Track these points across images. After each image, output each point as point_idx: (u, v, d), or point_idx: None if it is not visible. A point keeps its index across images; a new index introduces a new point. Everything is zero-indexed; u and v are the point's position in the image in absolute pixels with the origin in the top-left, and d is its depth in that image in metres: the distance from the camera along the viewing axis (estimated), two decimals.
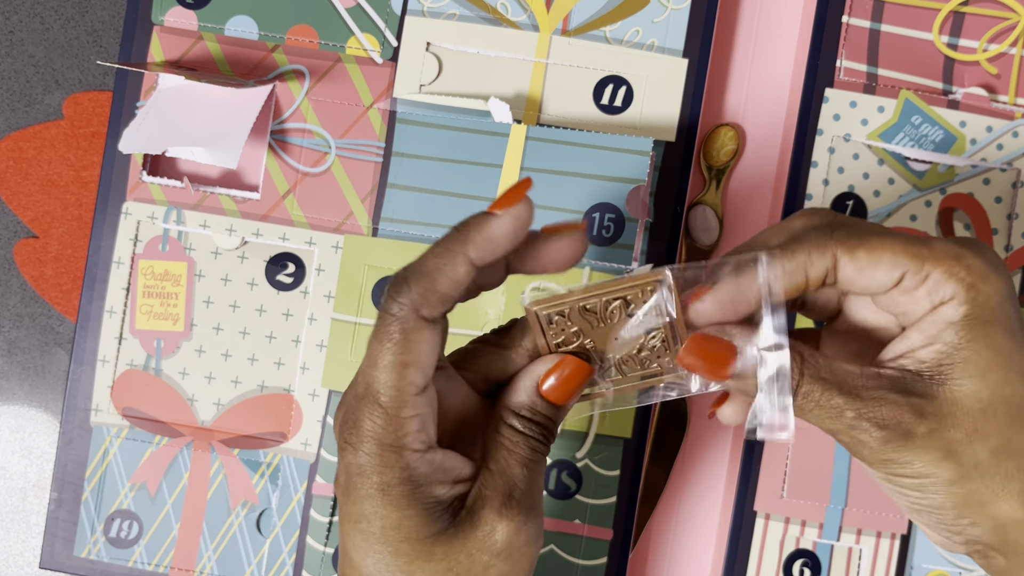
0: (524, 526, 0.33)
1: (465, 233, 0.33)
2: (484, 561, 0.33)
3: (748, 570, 0.50)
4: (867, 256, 0.32)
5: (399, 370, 0.32)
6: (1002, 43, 0.51)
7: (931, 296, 0.32)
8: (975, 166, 0.51)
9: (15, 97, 0.56)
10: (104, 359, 0.51)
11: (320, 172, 0.51)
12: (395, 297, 0.32)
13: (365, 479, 0.32)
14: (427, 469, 0.33)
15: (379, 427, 0.32)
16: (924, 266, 0.32)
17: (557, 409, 0.35)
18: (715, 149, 0.52)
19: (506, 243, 0.33)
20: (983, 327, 0.32)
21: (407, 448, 0.32)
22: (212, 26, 0.51)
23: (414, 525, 0.33)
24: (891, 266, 0.32)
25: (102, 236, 0.51)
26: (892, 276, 0.32)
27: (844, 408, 0.32)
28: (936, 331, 0.32)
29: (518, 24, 0.50)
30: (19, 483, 0.56)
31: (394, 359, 0.32)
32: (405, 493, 0.32)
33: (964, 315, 0.32)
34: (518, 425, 0.34)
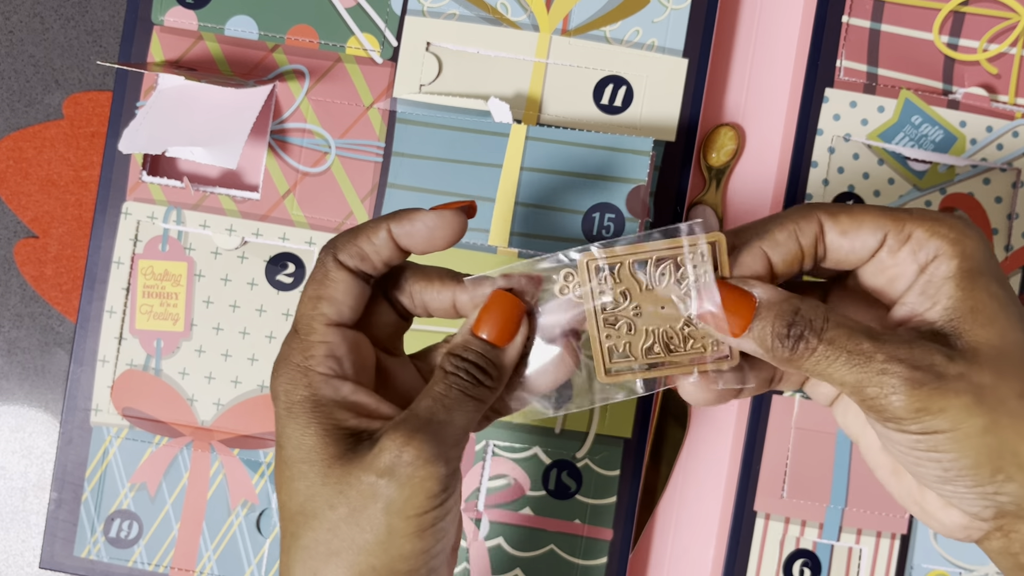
0: (409, 443, 0.33)
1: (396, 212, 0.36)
2: (371, 482, 0.33)
3: (748, 570, 0.50)
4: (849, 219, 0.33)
5: (312, 302, 0.35)
6: (1002, 43, 0.51)
7: (916, 255, 0.33)
8: (975, 166, 0.51)
9: (15, 97, 0.56)
10: (104, 359, 0.51)
11: (320, 172, 0.51)
12: (323, 248, 0.36)
13: (279, 403, 0.35)
14: (331, 393, 0.35)
15: (291, 350, 0.35)
16: (905, 226, 0.33)
17: (496, 349, 0.35)
18: (715, 149, 0.52)
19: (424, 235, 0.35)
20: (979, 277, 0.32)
21: (312, 370, 0.35)
22: (212, 26, 0.51)
23: (314, 444, 0.34)
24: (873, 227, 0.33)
25: (102, 236, 0.51)
26: (876, 237, 0.33)
27: (874, 351, 0.31)
28: (934, 290, 0.33)
29: (518, 24, 0.50)
30: (19, 483, 0.56)
31: (311, 293, 0.35)
32: (306, 410, 0.34)
33: (956, 268, 0.32)
34: (447, 364, 0.35)
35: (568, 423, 0.50)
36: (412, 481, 0.33)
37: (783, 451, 0.50)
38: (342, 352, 0.35)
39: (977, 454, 0.32)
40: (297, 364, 0.35)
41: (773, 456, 0.50)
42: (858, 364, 0.32)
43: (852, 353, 0.32)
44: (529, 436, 0.51)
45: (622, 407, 0.50)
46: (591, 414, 0.50)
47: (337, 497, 0.34)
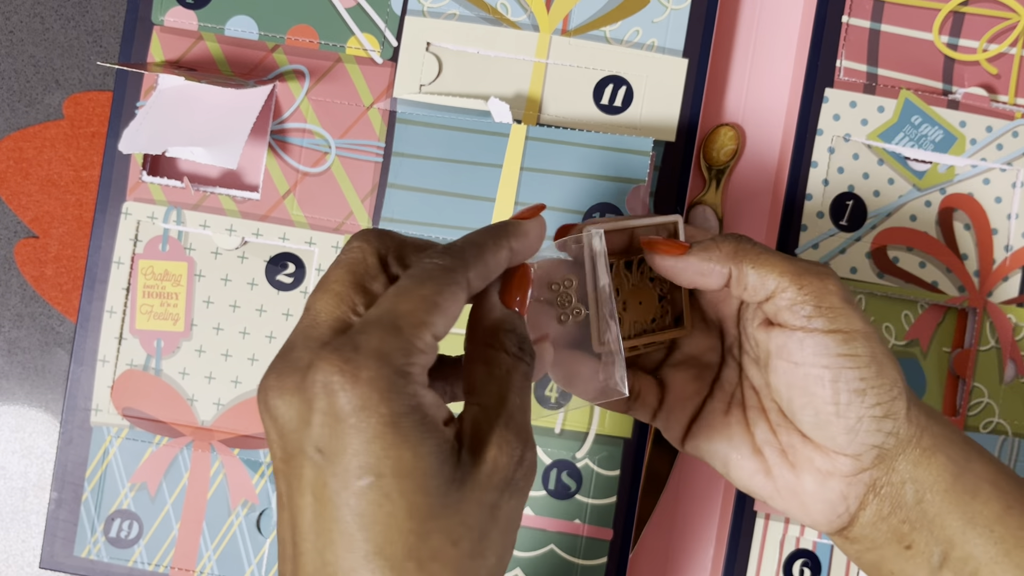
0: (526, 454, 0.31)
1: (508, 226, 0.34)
2: (492, 501, 0.30)
3: (748, 570, 0.50)
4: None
5: (429, 307, 0.30)
6: (1002, 43, 0.51)
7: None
8: (975, 166, 0.51)
9: (15, 97, 0.56)
10: (104, 359, 0.51)
11: (320, 172, 0.51)
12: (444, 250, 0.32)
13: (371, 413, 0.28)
14: (432, 401, 0.30)
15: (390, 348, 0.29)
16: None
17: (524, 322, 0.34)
18: (715, 149, 0.52)
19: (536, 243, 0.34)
20: None
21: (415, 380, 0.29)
22: (212, 26, 0.51)
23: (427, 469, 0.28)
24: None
25: (102, 236, 0.51)
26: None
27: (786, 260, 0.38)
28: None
29: (518, 24, 0.50)
30: (19, 483, 0.56)
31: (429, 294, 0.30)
32: (416, 424, 0.28)
33: None
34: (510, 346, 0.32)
35: (568, 423, 0.50)
36: (527, 489, 0.31)
37: None
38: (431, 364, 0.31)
39: (881, 359, 0.37)
40: (398, 367, 0.29)
41: None
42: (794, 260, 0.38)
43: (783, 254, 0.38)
44: None
45: None
46: (591, 414, 0.50)
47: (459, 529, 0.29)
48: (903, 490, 0.38)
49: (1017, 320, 0.51)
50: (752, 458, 0.40)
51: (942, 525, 0.38)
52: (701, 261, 0.38)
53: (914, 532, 0.38)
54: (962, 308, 0.51)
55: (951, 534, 0.38)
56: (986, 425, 0.51)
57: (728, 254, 0.38)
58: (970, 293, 0.51)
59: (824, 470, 0.39)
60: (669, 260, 0.39)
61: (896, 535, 0.38)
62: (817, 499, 0.39)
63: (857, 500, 0.38)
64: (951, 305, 0.51)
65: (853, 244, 0.50)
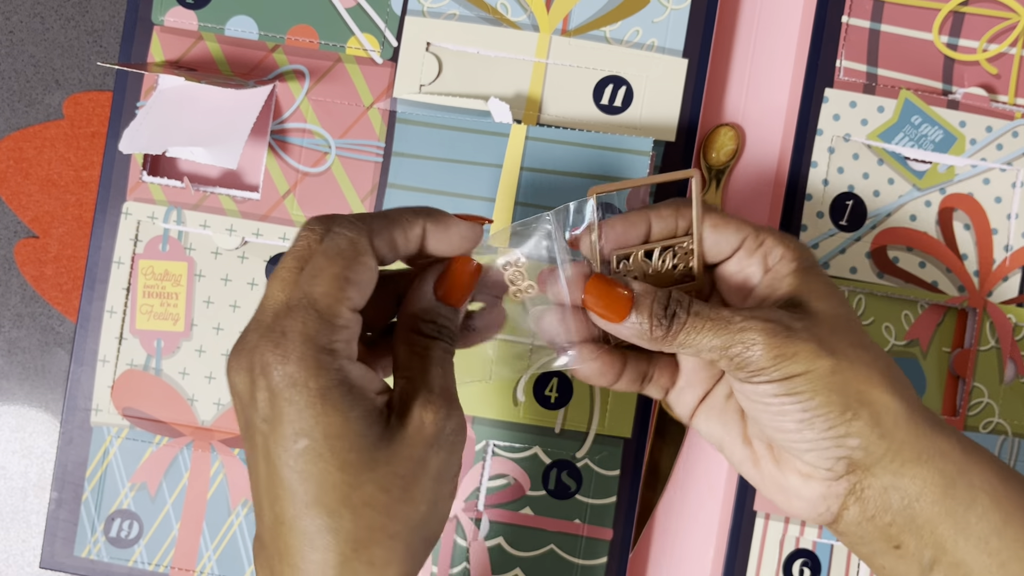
0: (451, 414, 0.35)
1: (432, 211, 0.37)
2: (420, 455, 0.34)
3: (748, 570, 0.50)
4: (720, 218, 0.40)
5: (339, 283, 0.33)
6: (1002, 43, 0.51)
7: (766, 259, 0.40)
8: (975, 166, 0.51)
9: (15, 97, 0.56)
10: (104, 359, 0.51)
11: (320, 172, 0.51)
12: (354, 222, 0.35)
13: (300, 388, 0.32)
14: (359, 374, 0.34)
15: (313, 330, 0.33)
16: (760, 234, 0.40)
17: (455, 309, 0.38)
18: (715, 149, 0.52)
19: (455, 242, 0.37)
20: (812, 270, 0.40)
21: (339, 354, 0.33)
22: (212, 26, 0.51)
23: (357, 430, 0.33)
24: (737, 229, 0.40)
25: (102, 236, 0.51)
26: (737, 237, 0.40)
27: (732, 316, 0.37)
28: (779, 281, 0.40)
29: (518, 24, 0.50)
30: (19, 483, 0.56)
31: (338, 272, 0.34)
32: (343, 394, 0.33)
33: (796, 267, 0.39)
34: (426, 330, 0.37)
35: (568, 423, 0.50)
36: (456, 447, 0.35)
37: None
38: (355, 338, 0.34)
39: (828, 392, 0.37)
40: (322, 346, 0.33)
41: None
42: (721, 328, 0.37)
43: (715, 320, 0.37)
44: (529, 436, 0.51)
45: (622, 407, 0.50)
46: (591, 414, 0.50)
47: (390, 478, 0.33)
48: (887, 495, 0.38)
49: (1017, 320, 0.51)
50: (743, 447, 0.41)
51: (932, 531, 0.38)
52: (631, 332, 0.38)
53: (903, 534, 0.38)
54: (962, 308, 0.51)
55: (942, 540, 0.37)
56: (986, 425, 0.51)
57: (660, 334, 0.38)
58: (970, 293, 0.51)
59: (803, 472, 0.39)
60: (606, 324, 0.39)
61: (884, 535, 0.38)
62: (799, 496, 0.40)
63: (838, 500, 0.39)
64: (951, 305, 0.51)
65: (853, 244, 0.50)
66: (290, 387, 0.32)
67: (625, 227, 0.40)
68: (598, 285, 0.39)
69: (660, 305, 0.38)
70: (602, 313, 0.38)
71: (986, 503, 0.37)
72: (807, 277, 0.39)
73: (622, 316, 0.38)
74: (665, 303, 0.38)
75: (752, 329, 0.37)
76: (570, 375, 0.50)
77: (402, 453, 0.34)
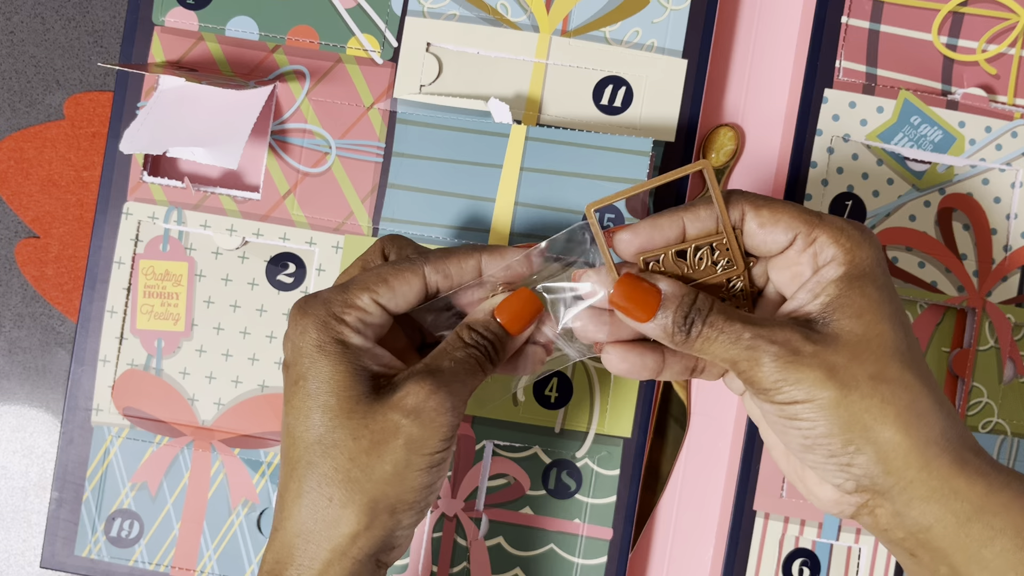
0: (436, 392, 0.38)
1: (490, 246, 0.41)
2: (395, 420, 0.37)
3: (748, 569, 0.50)
4: (769, 214, 0.38)
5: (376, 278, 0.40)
6: (1001, 43, 0.51)
7: (816, 258, 0.38)
8: (974, 166, 0.51)
9: (16, 97, 0.56)
10: (105, 359, 0.51)
11: (320, 172, 0.51)
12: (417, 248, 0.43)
13: (307, 337, 0.38)
14: (360, 343, 0.39)
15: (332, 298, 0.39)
16: (813, 230, 0.38)
17: (507, 335, 0.41)
18: (715, 149, 0.52)
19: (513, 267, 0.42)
20: (858, 281, 0.37)
21: (347, 323, 0.39)
22: (213, 27, 0.51)
23: (342, 380, 0.38)
24: (787, 226, 0.38)
25: (103, 236, 0.51)
26: (787, 236, 0.38)
27: (743, 331, 0.37)
28: (819, 289, 0.38)
29: (518, 25, 0.50)
30: (20, 483, 0.56)
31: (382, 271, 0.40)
32: (338, 351, 0.38)
33: (843, 273, 0.37)
34: (464, 335, 0.40)
35: (568, 423, 0.51)
36: (433, 424, 0.38)
37: None
38: (374, 323, 0.40)
39: (830, 424, 0.36)
40: (332, 311, 0.39)
41: None
42: (731, 342, 0.37)
43: (727, 333, 0.37)
44: (529, 436, 0.51)
45: (622, 407, 0.50)
46: (591, 414, 0.50)
47: (362, 429, 0.37)
48: (899, 518, 0.37)
49: (1016, 320, 0.51)
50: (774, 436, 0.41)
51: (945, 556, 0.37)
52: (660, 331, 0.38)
53: (917, 549, 0.37)
54: (961, 308, 0.51)
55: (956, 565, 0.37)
56: (985, 425, 0.51)
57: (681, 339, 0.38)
58: (969, 293, 0.51)
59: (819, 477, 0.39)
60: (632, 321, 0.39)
61: (899, 545, 0.38)
62: (815, 495, 0.40)
63: (852, 508, 0.38)
64: (950, 305, 0.51)
65: None
66: (300, 336, 0.39)
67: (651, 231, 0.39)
68: (627, 284, 0.39)
69: (682, 311, 0.38)
70: (628, 312, 0.38)
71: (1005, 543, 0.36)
72: (849, 288, 0.37)
73: (648, 316, 0.38)
74: (687, 309, 0.38)
75: (759, 349, 0.36)
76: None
77: (379, 412, 0.38)
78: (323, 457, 0.37)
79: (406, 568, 0.51)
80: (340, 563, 0.38)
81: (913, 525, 0.37)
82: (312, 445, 0.38)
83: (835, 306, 0.37)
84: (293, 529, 0.38)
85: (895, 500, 0.36)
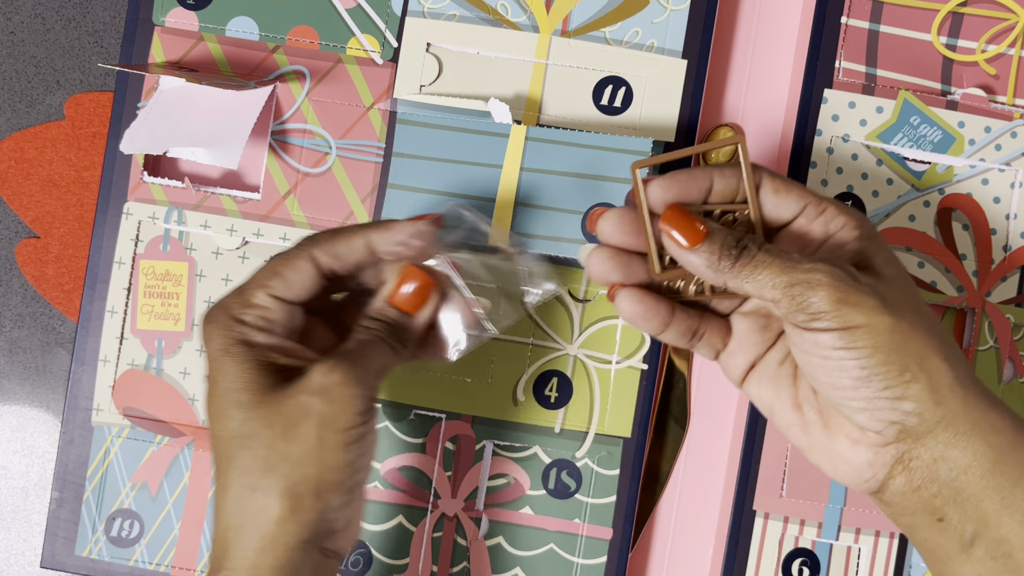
0: (338, 367, 0.39)
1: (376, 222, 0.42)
2: (303, 401, 0.38)
3: (747, 569, 0.50)
4: (783, 184, 0.40)
5: (268, 274, 0.41)
6: (1001, 44, 0.51)
7: (827, 225, 0.40)
8: (973, 166, 0.51)
9: (16, 97, 0.56)
10: (105, 359, 0.51)
11: (320, 172, 0.51)
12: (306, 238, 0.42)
13: (212, 343, 0.40)
14: (265, 340, 0.40)
15: (231, 301, 0.40)
16: (822, 203, 0.40)
17: (407, 316, 0.42)
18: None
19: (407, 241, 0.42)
20: (875, 239, 0.40)
21: (247, 324, 0.40)
22: (213, 27, 0.51)
23: (250, 377, 0.39)
24: (799, 195, 0.40)
25: (103, 236, 0.51)
26: (799, 204, 0.40)
27: (801, 258, 0.38)
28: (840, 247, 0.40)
29: (518, 25, 0.51)
30: (20, 483, 0.56)
31: (273, 265, 0.41)
32: (242, 352, 0.39)
33: (858, 235, 0.39)
34: (365, 323, 0.42)
35: (568, 423, 0.51)
36: (341, 399, 0.38)
37: (782, 450, 0.50)
38: (275, 317, 0.41)
39: (888, 350, 0.37)
40: (232, 315, 0.40)
41: (772, 455, 0.50)
42: (788, 267, 0.38)
43: (782, 259, 0.38)
44: (529, 436, 0.51)
45: (622, 406, 0.50)
46: (591, 414, 0.50)
47: (273, 416, 0.38)
48: (935, 467, 0.38)
49: (1016, 320, 0.51)
50: (792, 412, 0.41)
51: (976, 505, 0.37)
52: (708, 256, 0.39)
53: (947, 507, 0.38)
54: (961, 308, 0.51)
55: (986, 515, 0.37)
56: None
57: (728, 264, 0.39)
58: (968, 293, 0.51)
59: (853, 437, 0.39)
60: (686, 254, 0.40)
61: (928, 507, 0.38)
62: (846, 462, 0.40)
63: (885, 469, 0.39)
64: (950, 305, 0.51)
65: None
66: (207, 342, 0.40)
67: (688, 179, 0.40)
68: (678, 211, 0.39)
69: (733, 237, 0.39)
70: (679, 233, 0.39)
71: None
72: (870, 244, 0.40)
73: (695, 242, 0.39)
74: (738, 237, 0.39)
75: (818, 271, 0.37)
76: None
77: (288, 397, 0.39)
78: (242, 449, 0.39)
79: (406, 568, 0.51)
80: (272, 551, 0.38)
81: (950, 471, 0.37)
82: (231, 440, 0.39)
83: (865, 255, 0.39)
84: (223, 524, 0.39)
85: (937, 439, 0.37)
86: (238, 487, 0.38)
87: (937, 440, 0.37)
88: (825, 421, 0.40)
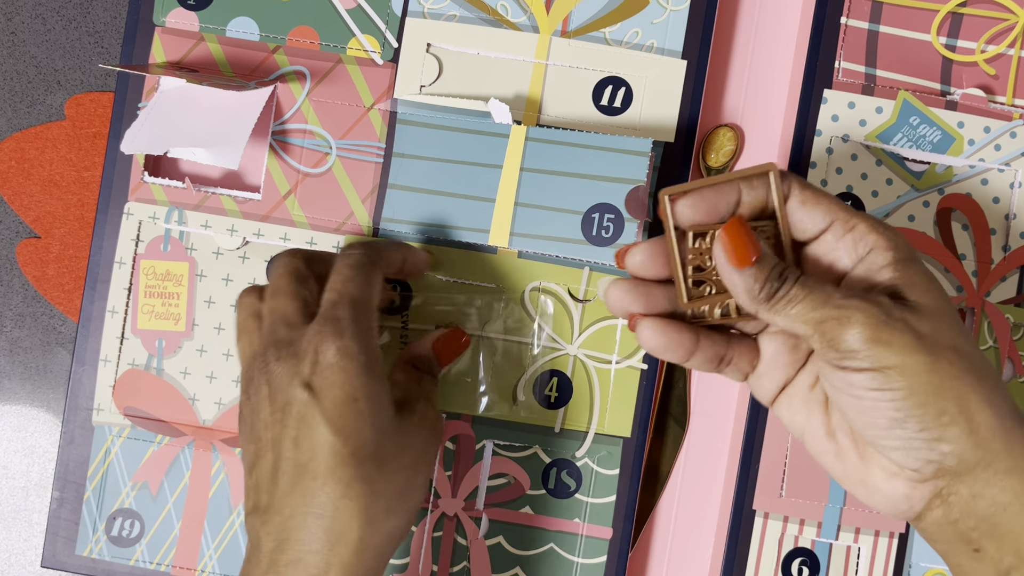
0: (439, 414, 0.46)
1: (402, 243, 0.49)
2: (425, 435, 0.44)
3: (747, 569, 0.51)
4: (812, 195, 0.38)
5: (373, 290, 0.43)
6: (1000, 44, 0.51)
7: (856, 245, 0.38)
8: (973, 167, 0.51)
9: (17, 98, 0.56)
10: (106, 359, 0.51)
11: (321, 173, 0.51)
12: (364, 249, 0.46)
13: (353, 360, 0.40)
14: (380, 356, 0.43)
15: (365, 317, 0.42)
16: (851, 219, 0.38)
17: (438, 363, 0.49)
18: (714, 150, 0.52)
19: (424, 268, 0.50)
20: (911, 261, 0.37)
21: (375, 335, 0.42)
22: (213, 27, 0.51)
23: (386, 399, 0.41)
24: (828, 209, 0.38)
25: (104, 236, 0.51)
26: (826, 219, 0.38)
27: (834, 292, 0.36)
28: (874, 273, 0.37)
29: (518, 25, 0.51)
30: (21, 482, 0.57)
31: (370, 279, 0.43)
32: (379, 371, 0.41)
33: (892, 258, 0.37)
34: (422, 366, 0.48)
35: (568, 422, 0.51)
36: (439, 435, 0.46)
37: (782, 450, 0.50)
38: None
39: (924, 391, 0.35)
40: (366, 327, 0.41)
41: (772, 455, 0.50)
42: (820, 302, 0.36)
43: (816, 293, 0.36)
44: (529, 435, 0.51)
45: (622, 406, 0.50)
46: (591, 414, 0.50)
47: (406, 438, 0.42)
48: (974, 502, 0.36)
49: (1015, 320, 0.51)
50: (825, 439, 0.40)
51: (1014, 540, 0.36)
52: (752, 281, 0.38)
53: (984, 539, 0.37)
54: (960, 308, 0.51)
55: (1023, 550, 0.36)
56: None
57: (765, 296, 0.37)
58: (968, 293, 0.51)
59: (890, 470, 0.38)
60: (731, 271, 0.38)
61: (964, 538, 0.37)
62: (881, 493, 0.38)
63: (922, 502, 0.37)
64: None
65: None
66: (344, 357, 0.40)
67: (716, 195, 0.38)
68: (739, 227, 0.38)
69: (779, 267, 0.37)
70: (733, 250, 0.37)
71: None
72: (907, 269, 0.37)
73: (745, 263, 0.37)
74: (782, 268, 0.37)
75: (851, 307, 0.35)
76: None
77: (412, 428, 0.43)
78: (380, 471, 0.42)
79: (406, 567, 0.51)
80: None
81: (989, 507, 0.36)
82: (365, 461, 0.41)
83: (901, 284, 0.37)
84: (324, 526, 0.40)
85: (976, 478, 0.36)
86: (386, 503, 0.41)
87: (976, 479, 0.36)
88: (860, 451, 0.39)
